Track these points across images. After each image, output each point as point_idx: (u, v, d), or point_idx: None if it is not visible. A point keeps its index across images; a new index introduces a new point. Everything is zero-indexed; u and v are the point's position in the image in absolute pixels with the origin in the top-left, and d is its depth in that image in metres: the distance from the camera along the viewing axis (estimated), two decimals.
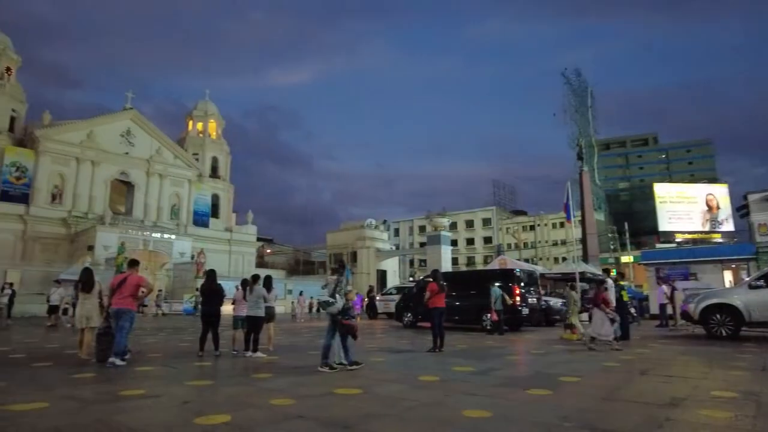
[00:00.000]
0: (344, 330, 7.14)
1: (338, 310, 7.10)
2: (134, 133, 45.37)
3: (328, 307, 7.14)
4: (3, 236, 36.69)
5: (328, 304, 7.12)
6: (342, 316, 7.12)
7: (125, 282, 7.80)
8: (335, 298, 7.11)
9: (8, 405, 4.64)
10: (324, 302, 7.17)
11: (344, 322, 7.11)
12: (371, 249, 51.54)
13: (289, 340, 12.69)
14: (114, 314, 7.78)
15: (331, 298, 7.12)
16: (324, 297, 7.16)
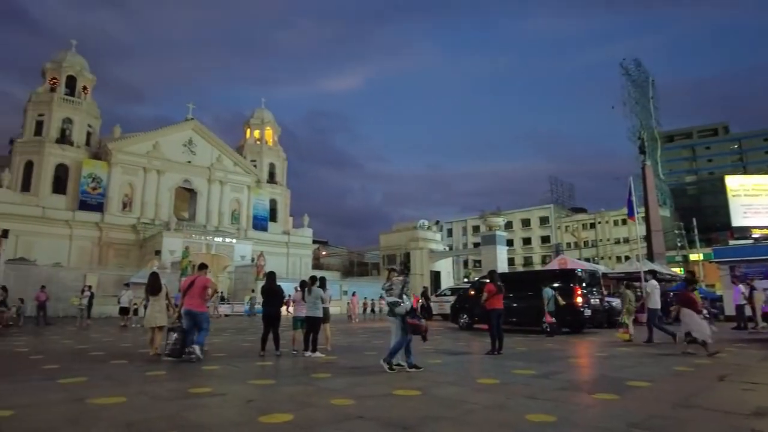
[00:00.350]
0: (412, 330, 7.13)
1: (406, 311, 7.09)
2: (195, 142, 47.52)
3: (396, 308, 7.12)
4: (82, 243, 39.48)
5: (397, 304, 7.10)
6: (409, 317, 7.12)
7: (194, 284, 8.37)
8: (403, 298, 7.13)
9: (91, 398, 4.99)
10: (393, 303, 7.14)
11: (411, 322, 7.11)
12: (424, 250, 51.28)
13: (345, 341, 12.86)
14: (185, 314, 8.34)
15: (399, 298, 7.11)
16: (392, 298, 7.13)
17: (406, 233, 53.10)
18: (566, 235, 67.76)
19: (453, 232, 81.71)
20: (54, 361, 8.34)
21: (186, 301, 8.33)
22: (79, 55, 44.81)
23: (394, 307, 7.15)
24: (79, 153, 41.51)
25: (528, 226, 73.80)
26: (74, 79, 43.52)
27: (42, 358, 8.81)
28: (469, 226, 79.60)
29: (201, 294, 8.38)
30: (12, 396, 5.20)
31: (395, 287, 7.26)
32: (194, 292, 8.32)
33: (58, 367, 7.57)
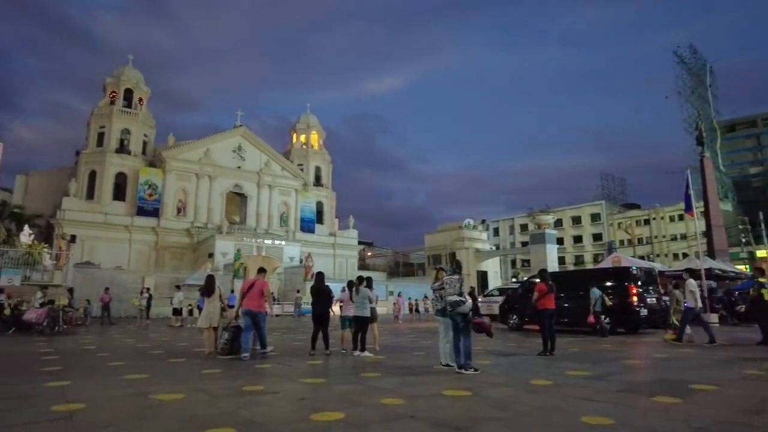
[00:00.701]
0: (477, 329, 7.05)
1: (470, 309, 6.99)
2: (244, 148, 49.01)
3: (459, 307, 6.96)
4: (140, 247, 41.53)
5: (459, 303, 6.95)
6: (473, 315, 7.04)
7: (254, 286, 8.91)
8: (465, 297, 7.07)
9: (153, 394, 5.23)
10: (455, 302, 6.96)
11: (477, 321, 7.04)
12: (470, 250, 50.69)
13: (393, 341, 12.89)
14: (244, 314, 8.81)
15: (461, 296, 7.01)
16: (454, 297, 6.98)
17: (451, 233, 52.66)
18: (619, 233, 65.24)
19: (500, 231, 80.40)
20: (118, 358, 8.81)
21: (245, 302, 8.84)
22: (135, 68, 47.20)
23: (457, 306, 6.95)
24: (136, 161, 43.69)
25: (579, 223, 71.58)
26: (131, 91, 45.88)
27: (107, 355, 9.33)
28: (517, 225, 78.13)
29: (260, 295, 8.91)
30: (83, 390, 5.53)
31: (450, 286, 7.13)
32: (254, 294, 8.86)
33: (122, 364, 7.99)
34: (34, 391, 5.59)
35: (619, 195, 76.05)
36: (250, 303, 8.84)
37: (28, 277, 19.64)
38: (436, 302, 7.61)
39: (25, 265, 20.26)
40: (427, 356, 9.28)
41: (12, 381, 6.37)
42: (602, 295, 13.72)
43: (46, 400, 4.96)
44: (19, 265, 19.89)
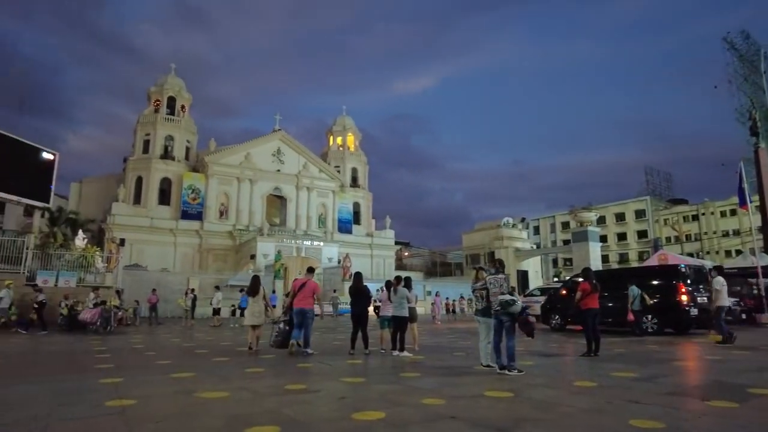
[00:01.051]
0: (527, 329, 6.95)
1: (521, 309, 6.88)
2: (283, 151, 49.96)
3: (510, 307, 6.81)
4: (185, 249, 42.96)
5: (510, 303, 6.80)
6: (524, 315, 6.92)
7: (305, 286, 9.31)
8: (515, 295, 6.97)
9: (199, 392, 5.39)
10: (507, 302, 6.81)
11: (528, 320, 6.94)
12: (510, 249, 49.92)
13: (432, 341, 12.83)
14: (296, 313, 9.22)
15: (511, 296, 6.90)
16: (505, 296, 6.85)
17: (490, 232, 52.02)
18: (665, 229, 62.74)
19: (540, 229, 78.72)
20: (166, 357, 9.13)
21: (296, 301, 9.23)
22: (177, 77, 48.87)
23: (509, 306, 6.80)
24: (180, 167, 45.21)
25: (622, 220, 69.20)
26: (174, 99, 47.53)
27: (155, 354, 9.69)
28: (558, 223, 76.28)
29: (311, 295, 9.33)
30: (134, 387, 5.76)
31: (496, 286, 7.02)
32: (305, 293, 9.27)
33: (170, 362, 8.27)
34: (90, 386, 5.87)
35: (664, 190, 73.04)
36: (301, 302, 9.21)
37: (83, 279, 20.64)
38: (477, 302, 7.52)
39: (80, 268, 21.31)
40: (467, 357, 9.20)
41: (70, 377, 6.72)
42: (641, 293, 13.38)
43: (100, 396, 5.20)
44: (74, 268, 20.94)
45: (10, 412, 4.54)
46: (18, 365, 8.40)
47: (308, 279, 9.53)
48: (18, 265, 19.07)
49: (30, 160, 23.44)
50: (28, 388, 5.85)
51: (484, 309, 7.35)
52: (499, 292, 6.94)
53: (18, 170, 22.57)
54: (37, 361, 8.96)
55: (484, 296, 7.31)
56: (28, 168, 23.27)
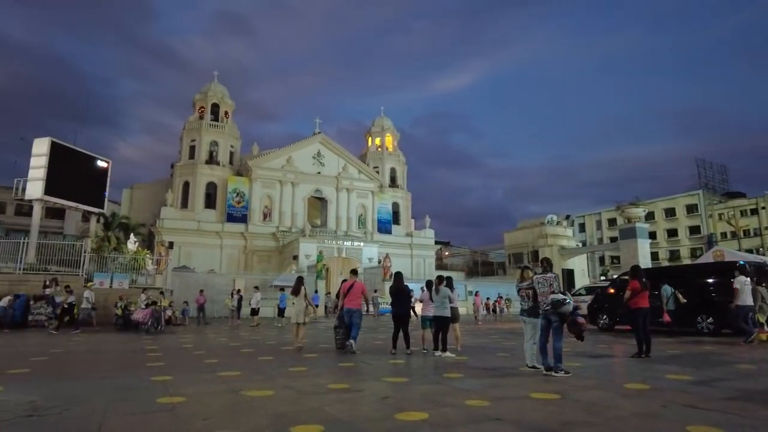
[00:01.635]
0: (576, 330, 6.76)
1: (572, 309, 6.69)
2: (323, 154, 50.59)
3: (562, 307, 6.61)
4: (231, 251, 44.17)
5: (562, 303, 6.60)
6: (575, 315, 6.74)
7: (353, 287, 9.89)
8: (567, 295, 6.80)
9: (245, 391, 5.51)
10: (558, 301, 6.61)
11: (579, 321, 6.77)
12: (554, 247, 48.70)
13: (475, 341, 12.65)
14: (346, 312, 9.79)
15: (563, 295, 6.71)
16: (557, 295, 6.66)
17: (533, 230, 50.93)
18: (720, 224, 59.63)
19: (585, 226, 76.45)
20: (213, 356, 9.39)
21: (346, 302, 9.82)
22: (220, 84, 50.30)
23: (560, 306, 6.60)
24: (224, 171, 46.53)
25: (672, 216, 66.23)
26: (218, 106, 48.95)
27: (203, 353, 9.98)
28: (604, 220, 73.84)
29: (359, 295, 9.90)
30: (183, 385, 5.95)
31: (545, 285, 6.84)
32: (354, 294, 9.83)
33: (217, 361, 8.50)
34: (141, 384, 6.10)
35: (719, 183, 69.30)
36: (350, 302, 9.79)
37: (135, 281, 21.56)
38: (523, 302, 7.36)
39: (132, 270, 22.26)
40: (511, 357, 9.03)
41: (124, 374, 7.02)
42: (674, 292, 12.98)
43: (152, 393, 5.39)
44: (126, 270, 21.90)
45: (73, 406, 4.78)
46: (81, 362, 8.83)
47: (355, 280, 10.09)
48: (77, 268, 20.12)
49: (86, 169, 24.75)
50: (88, 385, 6.15)
51: (530, 309, 7.18)
52: (549, 291, 6.76)
53: (76, 178, 23.89)
54: (97, 359, 9.39)
55: (531, 296, 7.14)
56: (85, 176, 24.58)
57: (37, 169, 22.18)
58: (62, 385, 6.10)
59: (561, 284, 6.98)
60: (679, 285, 13.77)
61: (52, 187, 22.29)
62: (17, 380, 6.55)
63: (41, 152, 22.28)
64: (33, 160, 22.36)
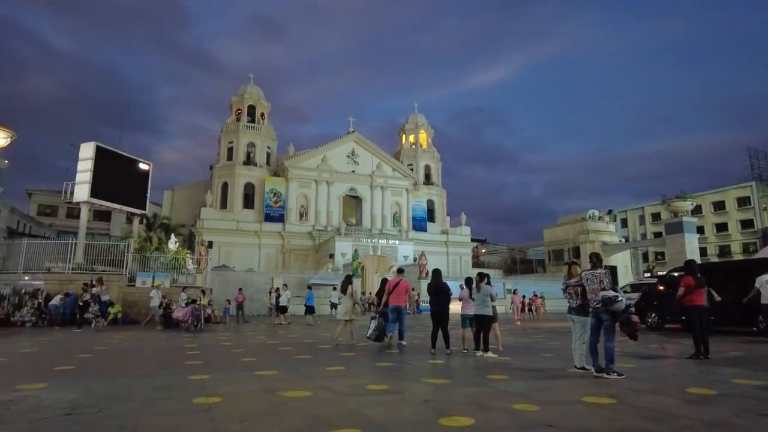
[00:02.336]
0: (630, 329, 6.35)
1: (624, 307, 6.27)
2: (357, 152, 50.69)
3: (614, 305, 6.19)
4: (269, 250, 44.82)
5: (614, 300, 6.19)
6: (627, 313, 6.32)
7: (399, 285, 10.29)
8: (618, 291, 6.39)
9: (281, 391, 5.36)
10: (610, 299, 6.21)
11: (634, 320, 6.36)
12: (596, 243, 47.19)
13: (516, 341, 12.22)
14: (392, 309, 10.28)
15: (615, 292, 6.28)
16: (608, 292, 6.25)
17: (574, 226, 49.54)
18: None
19: (628, 221, 73.79)
20: (251, 354, 9.35)
21: (392, 299, 10.23)
22: (256, 86, 51.09)
23: (612, 304, 6.18)
24: (261, 172, 47.25)
25: (722, 209, 63.01)
26: (254, 108, 49.73)
27: (241, 351, 9.97)
28: (647, 214, 71.07)
29: (404, 293, 10.30)
30: (220, 384, 5.86)
31: (594, 282, 6.44)
32: (399, 292, 10.24)
33: (254, 360, 8.44)
34: (179, 382, 6.06)
35: None
36: (396, 299, 10.21)
37: (175, 280, 22.02)
38: (571, 300, 6.96)
39: (173, 269, 22.76)
40: (557, 358, 8.61)
41: (163, 373, 7.01)
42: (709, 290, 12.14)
43: (188, 392, 5.32)
44: (167, 269, 22.39)
45: (111, 405, 4.74)
46: (123, 360, 8.96)
47: (401, 279, 10.54)
48: (121, 268, 20.72)
49: (129, 171, 25.49)
50: (127, 383, 6.15)
51: (579, 307, 6.78)
52: (599, 288, 6.35)
53: (120, 181, 24.62)
54: (138, 357, 9.52)
55: (579, 293, 6.74)
56: (127, 178, 25.31)
57: (83, 173, 22.94)
58: (103, 383, 6.12)
59: (611, 281, 6.52)
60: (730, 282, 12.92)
61: (98, 189, 23.02)
62: (62, 377, 6.64)
63: (87, 156, 23.04)
64: (80, 164, 23.15)
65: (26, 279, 19.44)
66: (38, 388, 5.75)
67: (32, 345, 11.48)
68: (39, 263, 20.43)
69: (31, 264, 20.22)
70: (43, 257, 20.85)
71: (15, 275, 19.78)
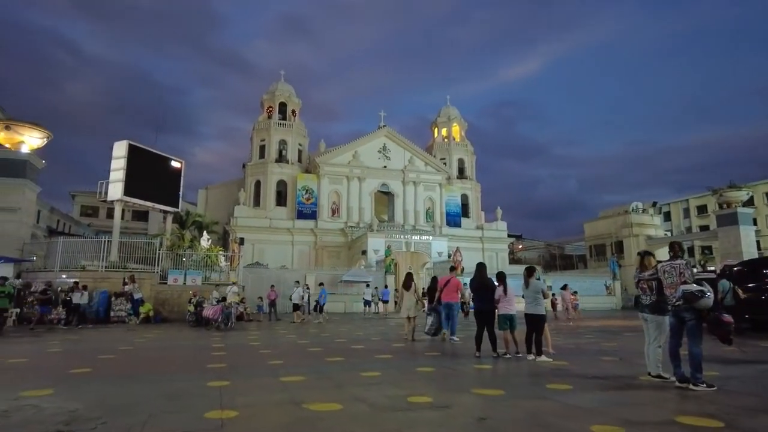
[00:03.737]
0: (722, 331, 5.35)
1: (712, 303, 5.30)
2: (389, 147, 49.80)
3: (699, 301, 5.22)
4: (301, 247, 44.54)
5: (699, 295, 5.21)
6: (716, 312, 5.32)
7: (450, 282, 10.66)
8: (705, 285, 5.36)
9: (308, 403, 4.60)
10: (692, 293, 5.23)
11: (725, 320, 5.37)
12: (640, 237, 44.96)
13: (566, 342, 11.10)
14: (444, 305, 10.71)
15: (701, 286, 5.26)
16: (691, 286, 5.26)
17: (616, 219, 47.38)
18: None
19: (671, 215, 70.39)
20: (279, 356, 8.66)
21: (444, 296, 10.64)
22: (286, 83, 50.88)
23: (697, 300, 5.20)
24: (293, 169, 47.01)
25: None
26: (285, 105, 49.52)
27: (269, 352, 9.28)
28: (692, 207, 67.50)
29: (455, 290, 10.73)
30: (240, 394, 5.16)
31: (673, 275, 5.47)
32: (450, 289, 10.61)
33: (281, 363, 7.74)
34: (194, 390, 5.39)
35: None
36: (447, 296, 10.60)
37: (208, 277, 21.75)
38: (644, 296, 5.97)
39: (205, 267, 22.51)
40: (621, 363, 7.57)
41: (180, 377, 6.38)
42: (733, 286, 11.09)
43: (202, 403, 4.63)
44: (200, 267, 22.15)
45: (113, 418, 4.10)
46: (144, 362, 8.43)
47: (452, 277, 10.87)
48: (153, 265, 20.56)
49: (161, 169, 25.42)
50: (138, 389, 5.54)
51: (653, 304, 5.78)
52: (678, 281, 5.34)
53: (153, 179, 24.56)
54: (160, 358, 8.98)
55: (654, 288, 5.74)
56: (160, 176, 25.25)
57: (116, 171, 22.93)
58: (113, 389, 5.52)
59: (693, 274, 5.49)
60: None
61: (131, 188, 22.98)
62: (73, 382, 6.11)
63: (120, 155, 23.02)
64: (113, 162, 23.15)
65: (63, 277, 19.51)
66: (43, 394, 5.20)
67: (60, 344, 11.17)
68: (75, 261, 20.49)
69: (67, 262, 20.31)
70: (79, 255, 20.92)
71: (52, 273, 19.91)
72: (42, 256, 22.22)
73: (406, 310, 11.99)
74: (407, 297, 12.21)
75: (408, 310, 11.89)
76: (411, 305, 11.90)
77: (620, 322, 19.40)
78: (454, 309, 10.85)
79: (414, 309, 11.84)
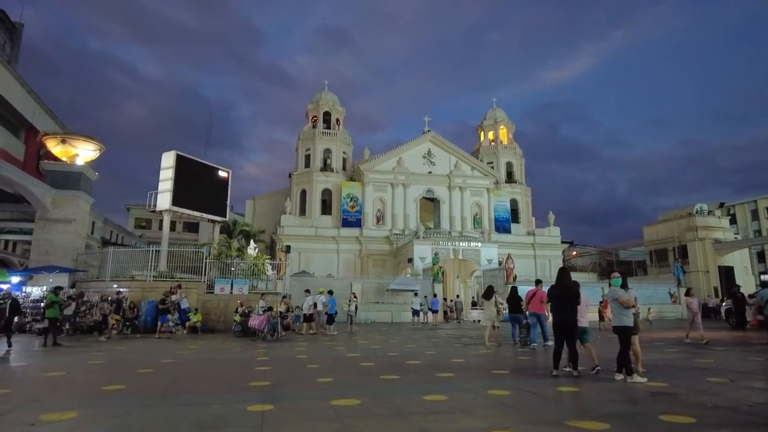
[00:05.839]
0: None
1: None
2: (433, 153, 48.75)
3: None
4: (347, 255, 44.07)
5: None
6: None
7: (536, 294, 11.70)
8: None
9: None
10: None
11: None
12: (706, 241, 41.84)
13: (652, 356, 9.65)
14: (531, 315, 12.06)
15: None
16: None
17: (679, 222, 44.36)
18: None
19: (737, 217, 65.55)
20: (327, 372, 7.86)
21: (531, 306, 11.79)
22: (330, 92, 50.94)
23: None
24: (338, 177, 46.78)
25: None
26: (329, 114, 49.54)
27: (317, 368, 8.49)
28: (761, 208, 62.67)
29: (541, 302, 11.16)
30: (282, 423, 4.35)
31: None
32: (536, 300, 11.47)
33: (331, 380, 6.91)
34: (231, 416, 4.64)
35: None
36: (534, 307, 11.61)
37: (255, 286, 21.39)
38: None
39: (252, 275, 22.19)
40: (733, 385, 6.28)
41: (218, 399, 5.61)
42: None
43: None
44: (246, 276, 21.84)
45: None
46: (182, 378, 7.82)
47: (538, 289, 11.85)
48: (200, 275, 20.39)
49: (209, 179, 25.50)
50: (169, 414, 4.83)
51: None
52: None
53: (200, 189, 24.64)
54: (200, 374, 8.35)
55: None
56: (208, 186, 25.32)
57: (165, 182, 23.08)
58: (141, 413, 4.84)
59: None
60: None
61: (179, 198, 23.06)
62: (102, 402, 5.50)
63: (168, 165, 23.17)
64: (162, 173, 23.33)
65: (114, 287, 19.61)
66: (64, 419, 4.58)
67: (103, 355, 10.81)
68: (126, 271, 20.62)
69: (118, 272, 20.46)
70: (129, 265, 21.05)
71: (104, 283, 20.07)
72: (96, 266, 22.55)
73: (488, 319, 12.85)
74: (488, 306, 12.99)
75: (489, 319, 12.76)
76: (492, 315, 12.74)
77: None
78: (542, 318, 11.78)
79: (494, 317, 12.72)
